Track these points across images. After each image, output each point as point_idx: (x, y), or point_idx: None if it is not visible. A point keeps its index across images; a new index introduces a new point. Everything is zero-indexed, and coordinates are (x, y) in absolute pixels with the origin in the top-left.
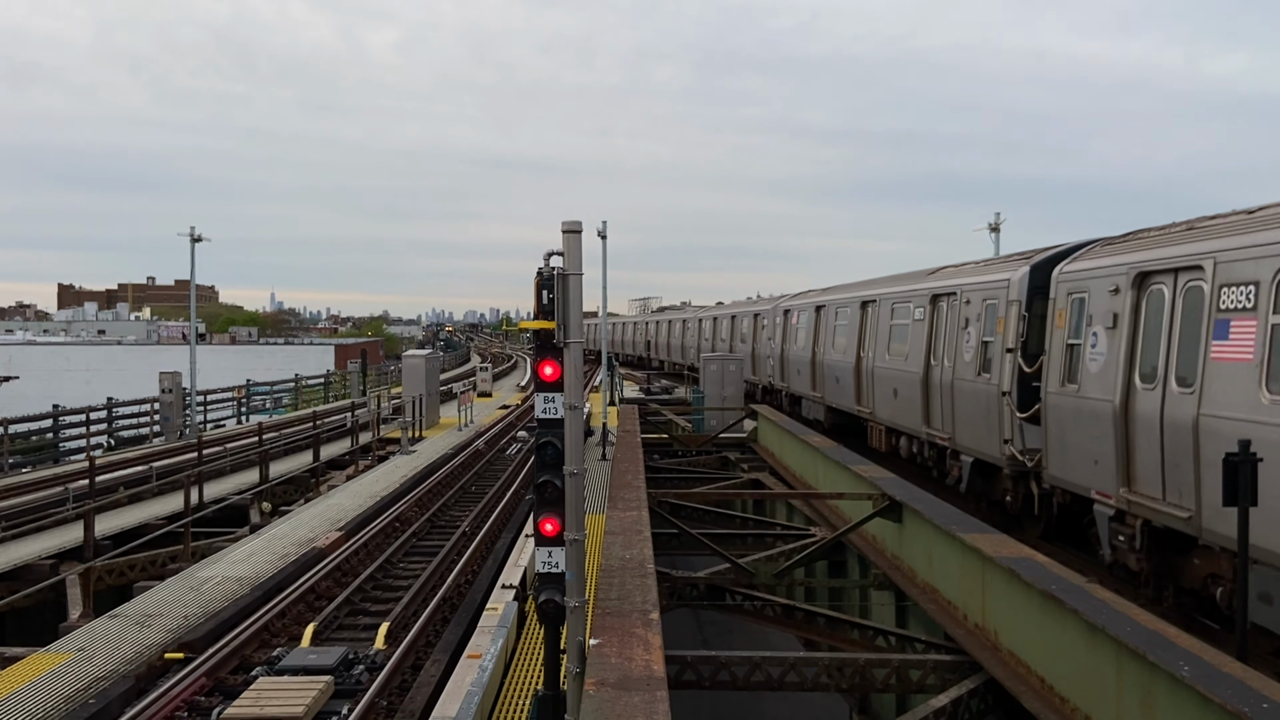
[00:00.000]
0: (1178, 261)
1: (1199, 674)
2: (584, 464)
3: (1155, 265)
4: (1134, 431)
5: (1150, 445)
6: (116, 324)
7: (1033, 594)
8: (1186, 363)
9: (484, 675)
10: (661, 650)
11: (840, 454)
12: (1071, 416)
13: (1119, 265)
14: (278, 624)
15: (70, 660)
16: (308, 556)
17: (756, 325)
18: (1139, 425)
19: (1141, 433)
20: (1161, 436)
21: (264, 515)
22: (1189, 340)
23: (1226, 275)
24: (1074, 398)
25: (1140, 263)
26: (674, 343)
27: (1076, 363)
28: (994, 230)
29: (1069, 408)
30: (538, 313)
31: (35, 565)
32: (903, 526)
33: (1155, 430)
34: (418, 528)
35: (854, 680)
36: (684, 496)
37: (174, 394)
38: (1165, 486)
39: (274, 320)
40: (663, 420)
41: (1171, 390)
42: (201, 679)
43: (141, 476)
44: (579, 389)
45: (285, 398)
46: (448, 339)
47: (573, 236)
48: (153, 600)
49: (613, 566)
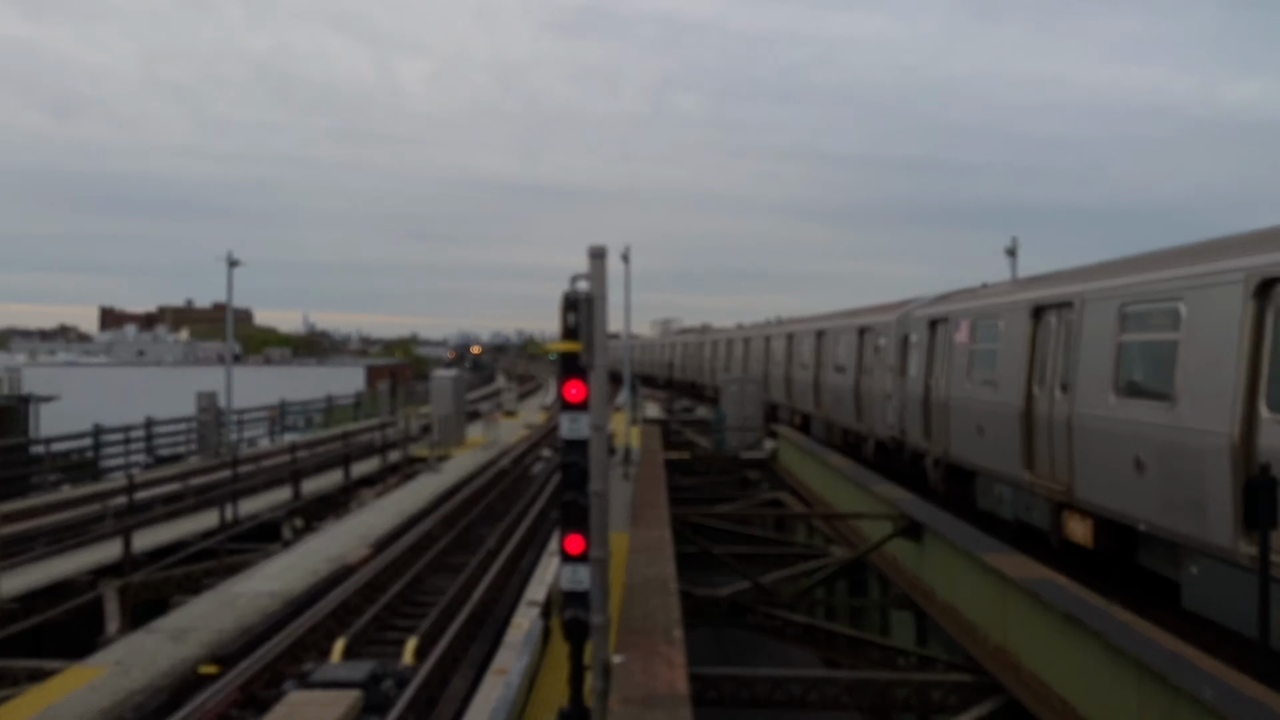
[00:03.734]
0: (936, 315)
1: (1222, 697)
2: (608, 483)
3: (934, 315)
4: (930, 405)
5: (927, 412)
6: (155, 345)
7: (1054, 615)
8: (941, 371)
9: (510, 691)
10: (685, 668)
11: (859, 474)
12: (909, 400)
13: (923, 315)
14: (309, 638)
15: (107, 673)
16: (338, 572)
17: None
18: (932, 402)
19: (925, 404)
20: (928, 406)
21: (296, 532)
22: (945, 357)
23: (957, 322)
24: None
25: (927, 315)
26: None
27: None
28: (1010, 254)
29: (909, 395)
30: (564, 334)
31: (74, 580)
32: (922, 546)
33: (920, 403)
34: (445, 544)
35: (875, 700)
36: (705, 515)
37: (210, 414)
38: (949, 436)
39: (307, 341)
40: (684, 440)
41: (938, 381)
42: (234, 693)
43: (178, 494)
44: (604, 409)
45: (317, 417)
46: (475, 360)
47: (597, 260)
48: (188, 615)
49: (636, 584)
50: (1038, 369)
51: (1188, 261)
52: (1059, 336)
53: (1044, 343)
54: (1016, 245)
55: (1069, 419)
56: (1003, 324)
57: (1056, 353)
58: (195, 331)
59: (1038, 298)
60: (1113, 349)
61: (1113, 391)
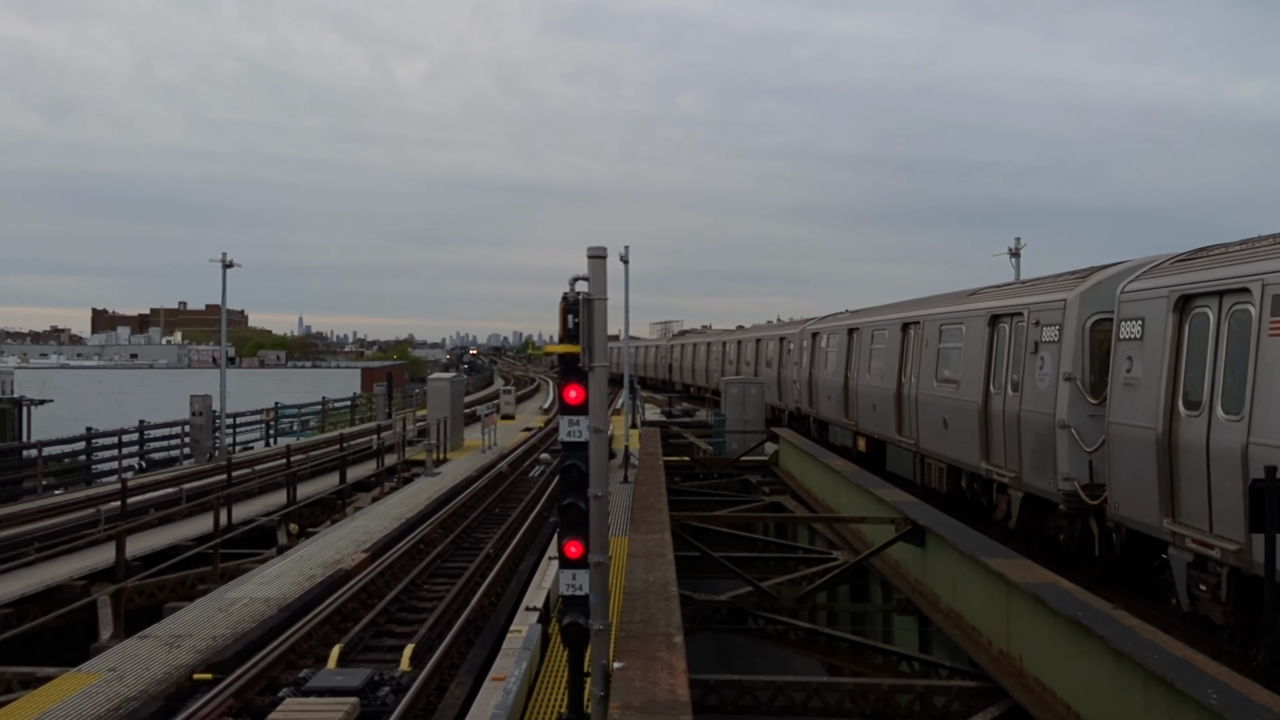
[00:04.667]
0: (849, 325)
1: (1228, 702)
2: (608, 487)
3: (815, 330)
4: (849, 393)
5: (850, 397)
6: (148, 348)
7: (1058, 620)
8: (862, 367)
9: (508, 698)
10: (686, 674)
11: (861, 477)
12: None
13: (850, 324)
14: (304, 645)
15: (101, 680)
16: (334, 578)
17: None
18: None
19: (849, 391)
20: (848, 393)
21: (291, 537)
22: (863, 356)
23: (869, 332)
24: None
25: (848, 324)
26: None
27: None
28: (1014, 255)
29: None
30: (563, 337)
31: (68, 586)
32: (925, 551)
33: (854, 392)
34: (442, 549)
35: (877, 706)
36: (706, 519)
37: (204, 417)
38: (872, 417)
39: (302, 344)
40: (684, 443)
41: (864, 375)
42: (229, 700)
43: (172, 498)
44: (603, 412)
45: (312, 420)
46: (472, 362)
47: (597, 262)
48: (182, 621)
49: (636, 589)
50: (861, 362)
51: (965, 301)
52: (914, 344)
53: (856, 349)
54: (1020, 246)
55: (916, 397)
56: (835, 339)
57: (912, 353)
58: (189, 334)
59: (858, 324)
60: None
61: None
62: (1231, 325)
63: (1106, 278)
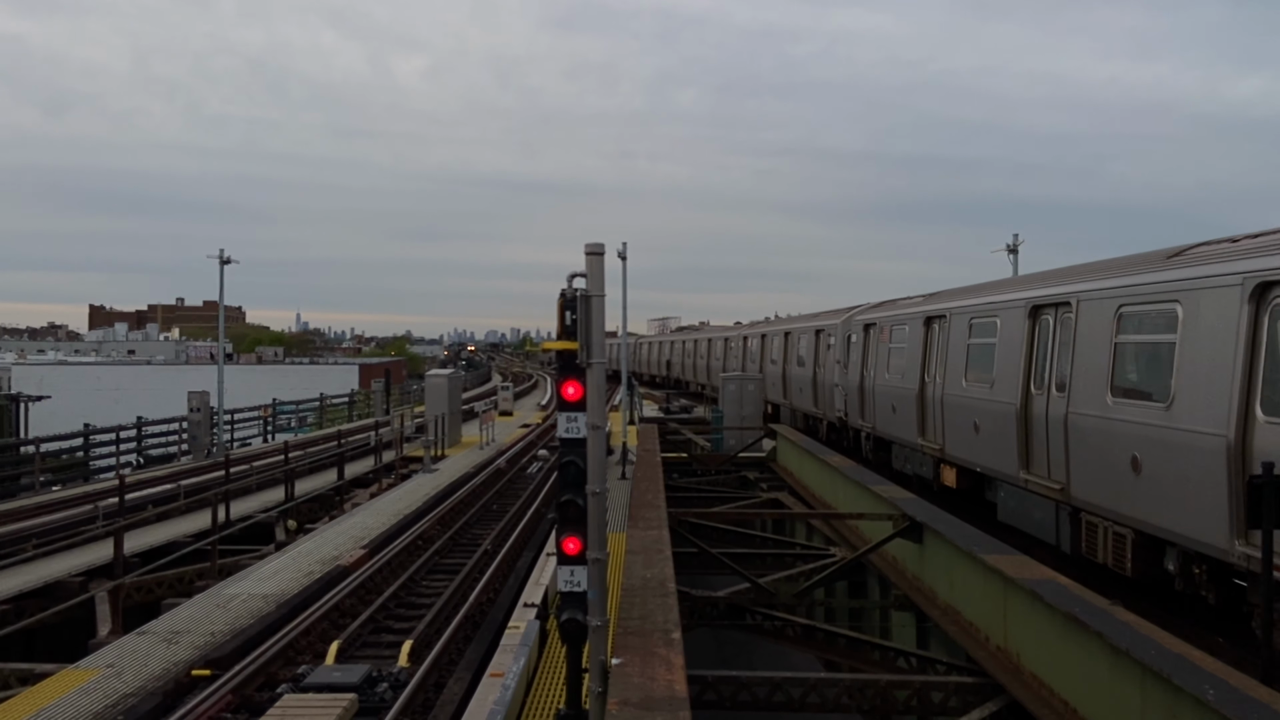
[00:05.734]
0: (926, 312)
1: (1225, 698)
2: (606, 483)
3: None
4: (927, 404)
5: (928, 410)
6: (146, 344)
7: (1055, 616)
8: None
9: (506, 694)
10: (684, 670)
11: (860, 474)
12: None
13: (845, 322)
14: (302, 641)
15: (99, 676)
16: (332, 574)
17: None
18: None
19: (926, 402)
20: (925, 405)
21: (289, 533)
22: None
23: (840, 332)
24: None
25: (925, 311)
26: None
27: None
28: (1012, 252)
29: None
30: (561, 333)
31: (66, 582)
32: (923, 547)
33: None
34: (440, 545)
35: (875, 702)
36: (704, 516)
37: (202, 413)
38: (831, 403)
39: (299, 340)
40: (682, 439)
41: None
42: (227, 696)
43: (170, 495)
44: (601, 409)
45: (310, 417)
46: (469, 358)
47: (595, 258)
48: (180, 617)
49: (634, 586)
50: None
51: (921, 304)
52: (938, 340)
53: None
54: (1018, 242)
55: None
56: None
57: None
58: (186, 330)
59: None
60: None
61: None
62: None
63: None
